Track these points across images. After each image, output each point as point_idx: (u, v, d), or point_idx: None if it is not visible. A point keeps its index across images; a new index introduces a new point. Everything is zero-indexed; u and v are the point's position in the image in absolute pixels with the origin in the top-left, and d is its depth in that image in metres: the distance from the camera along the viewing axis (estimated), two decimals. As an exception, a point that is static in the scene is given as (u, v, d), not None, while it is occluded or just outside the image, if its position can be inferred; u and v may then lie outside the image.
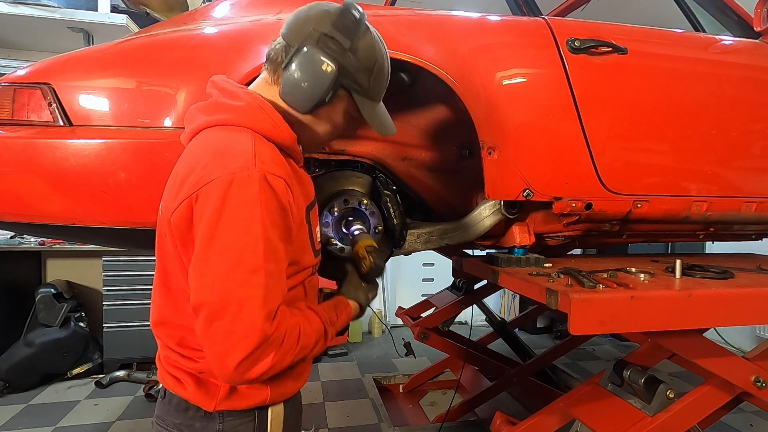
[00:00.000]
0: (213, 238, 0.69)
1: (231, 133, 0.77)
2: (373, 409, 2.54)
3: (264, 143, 0.77)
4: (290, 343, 0.73)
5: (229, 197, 0.69)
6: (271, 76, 0.85)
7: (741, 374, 1.24)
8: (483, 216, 1.40)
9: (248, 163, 0.71)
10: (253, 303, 0.68)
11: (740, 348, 3.21)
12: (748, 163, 1.56)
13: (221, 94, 0.82)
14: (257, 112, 0.80)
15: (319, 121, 0.87)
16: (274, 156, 0.77)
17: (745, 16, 1.73)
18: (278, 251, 0.73)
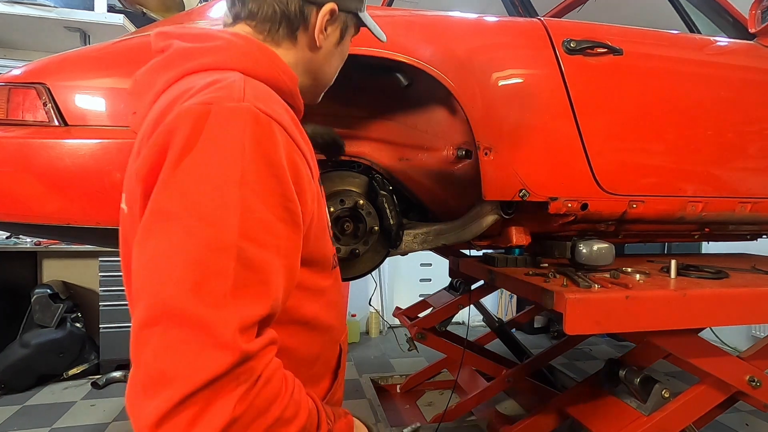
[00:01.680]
0: (165, 195, 0.46)
1: (215, 75, 0.56)
2: (370, 409, 2.54)
3: (260, 85, 0.58)
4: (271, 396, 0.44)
5: (200, 136, 0.46)
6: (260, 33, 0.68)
7: (736, 374, 1.25)
8: (479, 216, 1.40)
9: (234, 95, 0.51)
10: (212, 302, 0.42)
11: (735, 347, 3.23)
12: (743, 163, 1.56)
13: (184, 40, 0.61)
14: (245, 48, 0.61)
15: (333, 62, 0.75)
16: (275, 98, 0.57)
17: (740, 17, 1.74)
18: (270, 230, 0.48)
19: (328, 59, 0.74)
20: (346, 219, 1.35)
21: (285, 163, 0.50)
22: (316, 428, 0.53)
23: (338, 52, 0.75)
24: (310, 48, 0.70)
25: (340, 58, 0.77)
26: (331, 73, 0.77)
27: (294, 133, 0.55)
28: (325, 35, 0.70)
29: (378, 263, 1.44)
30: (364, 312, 3.95)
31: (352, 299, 3.57)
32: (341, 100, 1.45)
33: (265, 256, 0.46)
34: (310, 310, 0.63)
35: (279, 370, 0.47)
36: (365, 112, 1.48)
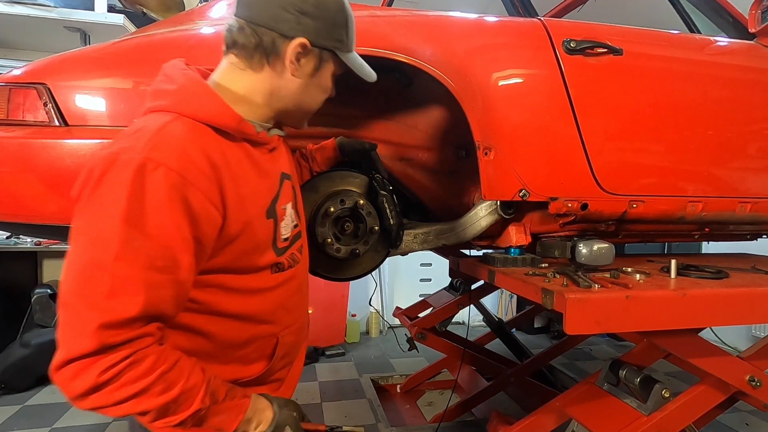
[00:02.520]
0: (78, 218, 0.64)
1: (151, 119, 0.71)
2: (370, 410, 2.54)
3: (188, 129, 0.70)
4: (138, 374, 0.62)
5: (103, 178, 0.63)
6: (244, 61, 0.80)
7: (736, 374, 1.25)
8: (479, 216, 1.40)
9: (137, 146, 0.64)
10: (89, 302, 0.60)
11: (736, 347, 3.23)
12: (744, 163, 1.56)
13: (162, 79, 0.77)
14: (189, 95, 0.73)
15: (310, 91, 0.85)
16: (189, 142, 0.68)
17: (740, 17, 1.74)
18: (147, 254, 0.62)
19: (304, 88, 0.84)
20: (346, 219, 1.35)
21: (169, 201, 0.64)
22: (190, 404, 0.67)
23: (315, 84, 0.85)
24: (282, 75, 0.81)
25: (319, 89, 0.87)
26: (311, 102, 0.88)
27: (190, 173, 0.66)
28: (297, 65, 0.80)
29: (378, 263, 1.44)
30: (364, 312, 3.96)
31: (352, 299, 3.57)
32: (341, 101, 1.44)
33: (137, 274, 0.62)
34: (232, 305, 0.79)
35: (150, 356, 0.63)
36: (365, 112, 1.48)
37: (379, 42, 1.21)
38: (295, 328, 0.93)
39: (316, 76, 0.84)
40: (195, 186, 0.66)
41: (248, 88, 0.80)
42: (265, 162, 0.83)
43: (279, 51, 0.79)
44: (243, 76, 0.80)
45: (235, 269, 0.77)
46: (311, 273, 1.40)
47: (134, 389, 0.62)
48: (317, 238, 1.31)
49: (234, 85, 0.80)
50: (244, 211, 0.75)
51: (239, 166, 0.75)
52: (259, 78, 0.80)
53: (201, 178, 0.67)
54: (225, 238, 0.72)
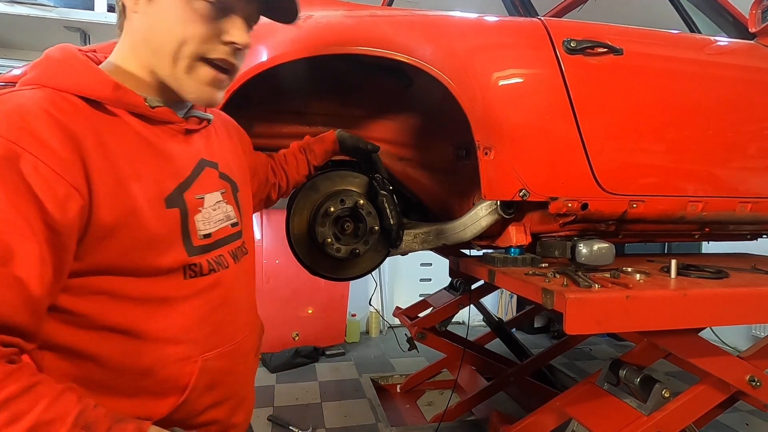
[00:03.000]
0: None
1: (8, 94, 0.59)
2: (370, 409, 2.54)
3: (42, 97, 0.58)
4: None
5: None
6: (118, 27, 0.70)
7: (736, 373, 1.24)
8: (479, 216, 1.40)
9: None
10: None
11: (736, 347, 3.23)
12: (744, 163, 1.56)
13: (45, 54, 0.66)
14: (53, 63, 0.63)
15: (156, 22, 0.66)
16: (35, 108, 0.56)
17: (740, 17, 1.74)
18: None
19: (149, 22, 0.66)
20: (346, 219, 1.35)
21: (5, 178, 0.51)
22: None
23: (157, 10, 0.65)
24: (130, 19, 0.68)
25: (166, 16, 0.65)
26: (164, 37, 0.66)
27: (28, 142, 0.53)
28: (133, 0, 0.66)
29: (378, 263, 1.44)
30: (364, 312, 3.96)
31: (352, 299, 3.57)
32: (341, 100, 1.45)
33: None
34: (126, 317, 0.63)
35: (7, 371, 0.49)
36: (365, 111, 1.48)
37: (380, 42, 1.21)
38: (225, 351, 0.73)
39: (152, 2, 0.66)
40: (36, 157, 0.53)
41: (119, 53, 0.69)
42: (172, 143, 0.70)
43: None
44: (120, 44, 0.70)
45: (126, 270, 0.62)
46: (311, 273, 1.40)
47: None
48: (317, 238, 1.31)
49: (115, 56, 0.70)
50: (126, 196, 0.61)
51: (120, 143, 0.62)
52: (122, 38, 0.69)
53: (45, 150, 0.54)
54: (98, 229, 0.58)
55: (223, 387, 0.74)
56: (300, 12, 0.78)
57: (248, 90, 1.14)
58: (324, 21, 1.21)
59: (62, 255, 0.56)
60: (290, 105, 1.41)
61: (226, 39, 0.68)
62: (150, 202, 0.64)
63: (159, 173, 0.66)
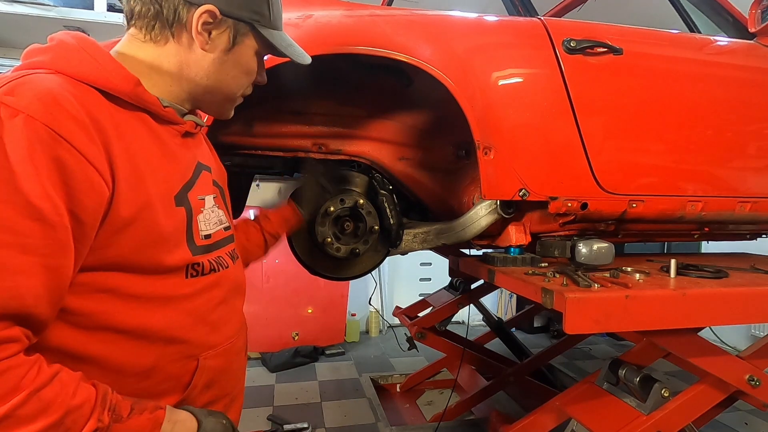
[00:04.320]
0: None
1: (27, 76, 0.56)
2: (370, 409, 2.54)
3: (66, 82, 0.58)
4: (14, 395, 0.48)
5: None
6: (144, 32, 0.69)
7: (735, 373, 1.25)
8: (479, 216, 1.40)
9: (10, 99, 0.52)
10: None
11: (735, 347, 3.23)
12: (743, 163, 1.57)
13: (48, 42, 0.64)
14: (70, 50, 0.61)
15: (227, 70, 0.73)
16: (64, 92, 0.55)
17: (740, 17, 1.74)
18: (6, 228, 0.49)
19: (219, 66, 0.72)
20: (346, 218, 1.35)
21: (31, 159, 0.50)
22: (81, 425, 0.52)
23: (233, 62, 0.73)
24: (191, 48, 0.70)
25: (240, 69, 0.75)
26: (230, 84, 0.75)
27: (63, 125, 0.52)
28: (206, 38, 0.69)
29: (378, 262, 1.45)
30: (364, 311, 3.96)
31: (352, 298, 3.58)
32: (341, 100, 1.45)
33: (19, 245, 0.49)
34: (131, 317, 0.62)
35: (15, 368, 0.49)
36: (365, 111, 1.48)
37: (379, 41, 1.21)
38: (222, 350, 0.74)
39: (233, 53, 0.73)
40: (70, 143, 0.52)
41: (152, 60, 0.69)
42: (175, 144, 0.71)
43: (183, 20, 0.67)
44: (145, 48, 0.69)
45: (135, 267, 0.61)
46: (311, 272, 1.40)
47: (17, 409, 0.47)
48: (317, 238, 1.31)
49: (138, 54, 0.69)
50: (143, 189, 0.61)
51: (136, 137, 0.63)
52: (164, 51, 0.69)
53: (79, 134, 0.54)
54: (115, 221, 0.58)
55: (219, 385, 0.75)
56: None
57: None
58: (324, 21, 1.21)
59: (81, 246, 0.55)
60: (290, 105, 1.40)
61: (257, 81, 0.81)
62: (162, 198, 0.64)
63: (168, 171, 0.68)
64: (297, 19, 1.19)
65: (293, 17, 1.20)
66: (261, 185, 1.45)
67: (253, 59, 0.76)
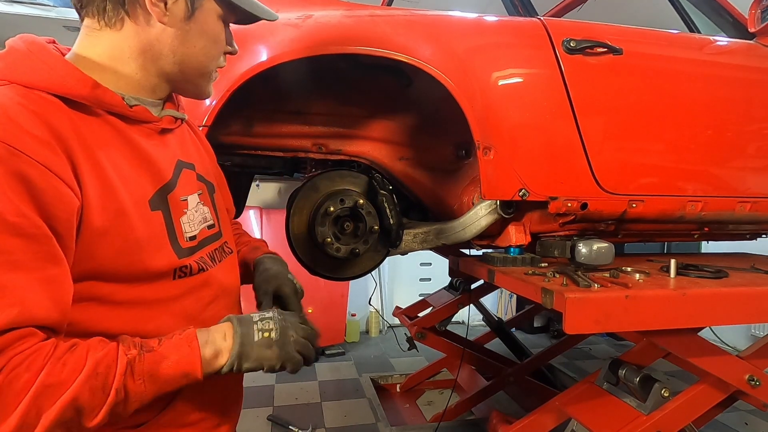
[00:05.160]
0: None
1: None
2: (370, 409, 2.54)
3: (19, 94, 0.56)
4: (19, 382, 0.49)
5: None
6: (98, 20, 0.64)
7: (735, 373, 1.25)
8: (479, 216, 1.40)
9: None
10: None
11: (735, 347, 3.23)
12: (743, 163, 1.57)
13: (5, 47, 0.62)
14: (21, 56, 0.59)
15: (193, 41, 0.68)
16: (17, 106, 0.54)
17: (740, 17, 1.74)
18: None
19: (183, 38, 0.67)
20: (346, 218, 1.35)
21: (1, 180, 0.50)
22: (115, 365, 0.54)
23: (197, 31, 0.68)
24: (148, 24, 0.65)
25: (205, 37, 0.69)
26: (198, 56, 0.70)
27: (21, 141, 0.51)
28: (162, 9, 0.64)
29: (378, 263, 1.45)
30: (364, 311, 3.96)
31: (352, 299, 3.57)
32: (341, 100, 1.45)
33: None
34: (122, 323, 0.61)
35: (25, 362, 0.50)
36: (365, 111, 1.48)
37: (379, 41, 1.21)
38: None
39: (195, 21, 0.67)
40: (31, 156, 0.51)
41: (111, 51, 0.65)
42: (150, 145, 0.68)
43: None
44: (101, 37, 0.64)
45: (117, 275, 0.61)
46: (311, 272, 1.40)
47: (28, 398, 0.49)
48: (317, 238, 1.31)
49: (93, 51, 0.64)
50: (113, 197, 0.59)
51: (101, 143, 0.60)
52: (122, 36, 0.64)
53: (39, 148, 0.53)
54: (90, 232, 0.57)
55: (216, 385, 0.72)
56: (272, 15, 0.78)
57: (248, 90, 1.14)
58: (323, 21, 1.21)
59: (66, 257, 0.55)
60: (290, 105, 1.41)
61: (228, 50, 0.76)
62: (135, 204, 0.62)
63: (141, 174, 0.65)
64: (297, 19, 1.19)
65: (293, 17, 1.20)
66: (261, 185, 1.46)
67: (218, 24, 0.71)
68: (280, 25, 1.18)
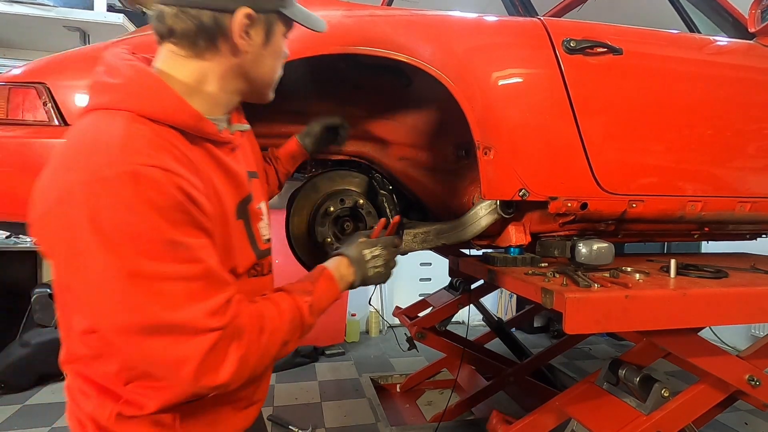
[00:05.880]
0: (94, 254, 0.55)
1: (103, 121, 0.62)
2: (370, 409, 2.54)
3: (144, 127, 0.63)
4: (256, 332, 0.65)
5: (97, 205, 0.55)
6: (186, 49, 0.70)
7: (735, 373, 1.25)
8: (479, 216, 1.40)
9: (113, 159, 0.57)
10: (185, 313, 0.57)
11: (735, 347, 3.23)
12: (743, 163, 1.56)
13: (104, 70, 0.68)
14: (139, 89, 0.65)
15: (265, 61, 0.76)
16: (154, 142, 0.62)
17: (740, 17, 1.74)
18: (191, 248, 0.59)
19: (258, 61, 0.75)
20: (346, 218, 1.35)
21: (176, 196, 0.59)
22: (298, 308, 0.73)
23: (269, 52, 0.76)
24: (234, 54, 0.72)
25: (274, 56, 0.78)
26: (268, 73, 0.79)
27: (179, 169, 0.61)
28: (247, 40, 0.72)
29: (378, 263, 1.44)
30: (364, 311, 3.95)
31: (351, 299, 3.57)
32: (341, 100, 1.45)
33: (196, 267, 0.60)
34: None
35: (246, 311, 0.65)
36: (365, 111, 1.48)
37: (379, 41, 1.21)
38: None
39: (270, 45, 0.76)
40: (181, 175, 0.60)
41: (197, 76, 0.72)
42: (230, 161, 0.76)
43: (225, 29, 0.69)
44: (188, 63, 0.71)
45: None
46: (311, 273, 1.40)
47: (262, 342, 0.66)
48: (317, 238, 1.31)
49: (179, 73, 0.71)
50: (219, 209, 0.70)
51: (203, 164, 0.69)
52: (209, 65, 0.72)
53: (181, 168, 0.61)
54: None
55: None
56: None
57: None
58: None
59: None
60: (290, 105, 1.40)
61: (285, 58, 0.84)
62: (229, 215, 0.73)
63: (229, 188, 0.74)
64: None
65: (293, 17, 1.20)
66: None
67: (284, 41, 0.79)
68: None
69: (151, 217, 0.56)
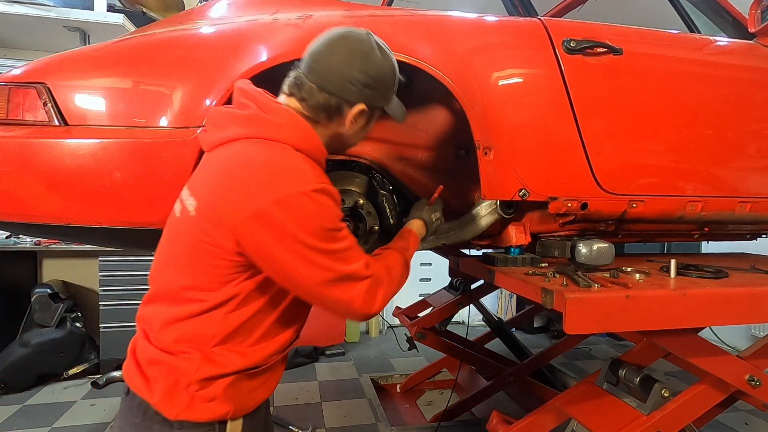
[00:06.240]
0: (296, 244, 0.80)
1: (276, 150, 0.86)
2: (370, 409, 2.54)
3: (305, 158, 0.88)
4: (387, 276, 0.94)
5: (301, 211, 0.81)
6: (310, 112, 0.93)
7: (735, 373, 1.25)
8: (479, 216, 1.40)
9: (308, 179, 0.83)
10: (353, 266, 0.86)
11: (735, 347, 3.23)
12: (743, 163, 1.57)
13: (260, 108, 0.89)
14: (297, 130, 0.89)
15: (358, 136, 1.02)
16: (316, 169, 0.88)
17: (740, 17, 1.74)
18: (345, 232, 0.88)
19: (354, 135, 1.00)
20: (346, 218, 1.35)
21: (336, 202, 0.86)
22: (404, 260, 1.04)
23: (363, 132, 1.02)
24: (339, 128, 0.96)
25: (365, 134, 1.04)
26: (356, 143, 1.05)
27: (331, 186, 0.86)
28: (354, 124, 0.96)
29: (378, 263, 1.44)
30: (364, 311, 3.95)
31: (352, 299, 3.57)
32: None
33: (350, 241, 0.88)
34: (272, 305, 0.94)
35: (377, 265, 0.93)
36: (365, 111, 1.47)
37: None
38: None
39: (366, 128, 1.01)
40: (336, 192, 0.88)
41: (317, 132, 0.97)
42: None
43: (342, 112, 0.94)
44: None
45: None
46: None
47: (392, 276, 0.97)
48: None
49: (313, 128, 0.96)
50: None
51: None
52: (320, 128, 0.95)
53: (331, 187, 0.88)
54: None
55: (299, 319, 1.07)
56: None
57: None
58: (324, 21, 1.21)
59: None
60: (290, 105, 1.40)
61: None
62: None
63: None
64: (297, 19, 1.19)
65: (293, 17, 1.20)
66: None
67: (373, 125, 1.04)
68: (280, 25, 1.18)
69: (329, 216, 0.84)
